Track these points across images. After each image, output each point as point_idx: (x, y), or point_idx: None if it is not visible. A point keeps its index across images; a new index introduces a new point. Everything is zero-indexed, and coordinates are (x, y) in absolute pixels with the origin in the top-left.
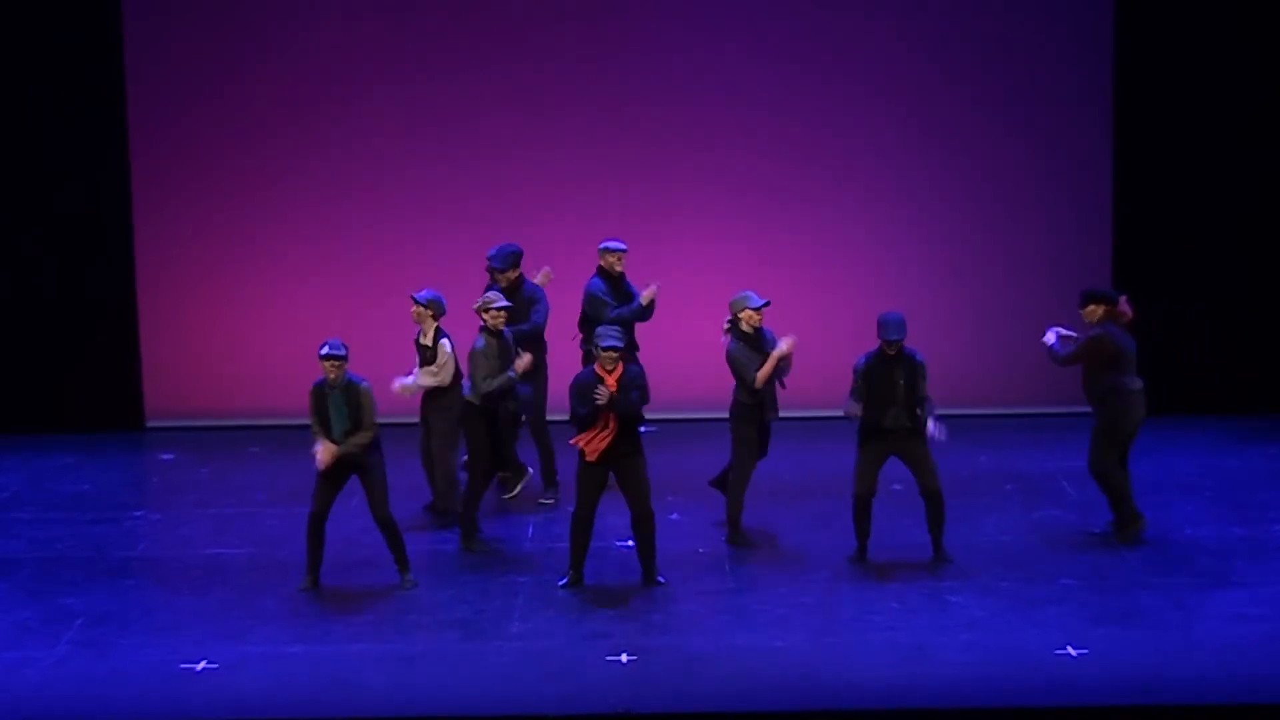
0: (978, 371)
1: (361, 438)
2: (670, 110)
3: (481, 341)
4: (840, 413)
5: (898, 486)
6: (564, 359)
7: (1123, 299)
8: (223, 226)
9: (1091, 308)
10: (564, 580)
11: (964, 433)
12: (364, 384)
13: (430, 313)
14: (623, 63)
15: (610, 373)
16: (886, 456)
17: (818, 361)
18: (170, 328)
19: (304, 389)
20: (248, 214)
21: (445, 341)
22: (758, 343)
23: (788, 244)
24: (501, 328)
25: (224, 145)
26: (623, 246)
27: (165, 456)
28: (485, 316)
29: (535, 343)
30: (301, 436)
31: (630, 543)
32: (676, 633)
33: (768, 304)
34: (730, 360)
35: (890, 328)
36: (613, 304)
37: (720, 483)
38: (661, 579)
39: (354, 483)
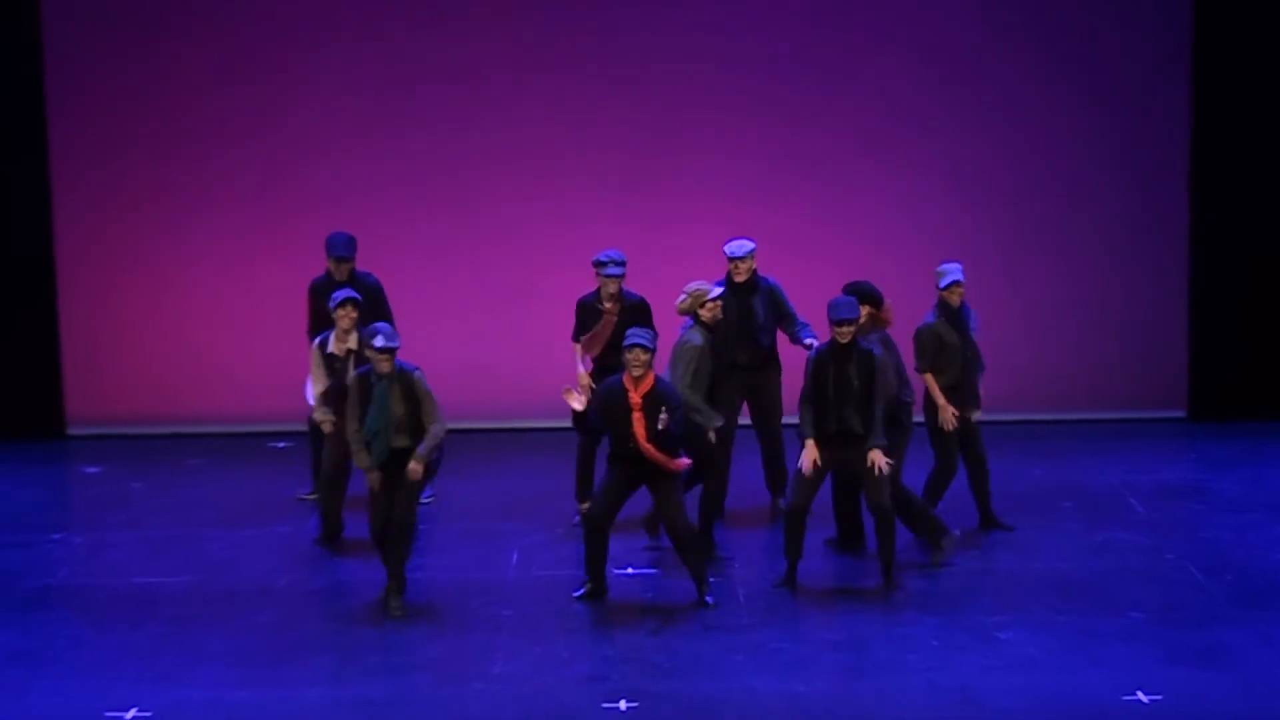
0: (1032, 371)
1: (436, 434)
2: (695, 77)
3: (700, 339)
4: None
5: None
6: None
7: (888, 303)
8: (155, 210)
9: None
10: (580, 591)
11: (1015, 441)
12: (417, 371)
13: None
14: (623, 18)
15: (638, 381)
16: (831, 465)
17: None
18: (96, 321)
19: (251, 390)
20: (184, 197)
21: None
22: (958, 320)
23: (829, 229)
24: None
25: (154, 123)
26: (738, 252)
27: (90, 469)
28: (702, 312)
29: None
30: (249, 445)
31: (630, 570)
32: (683, 675)
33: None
34: (932, 339)
35: (839, 307)
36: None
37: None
38: (710, 599)
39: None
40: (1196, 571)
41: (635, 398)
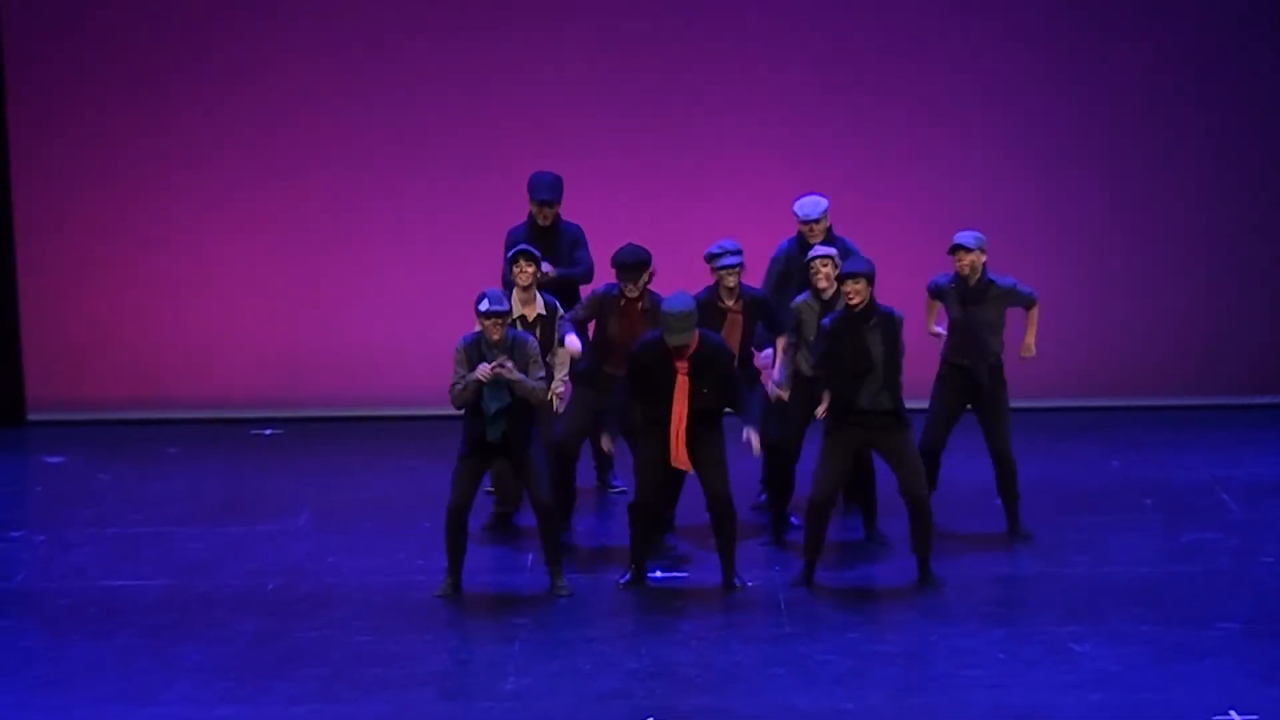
0: (1107, 351)
1: (531, 387)
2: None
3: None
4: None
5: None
6: None
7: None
8: (128, 170)
9: None
10: (626, 577)
11: (1089, 431)
12: (530, 339)
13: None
14: None
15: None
16: (858, 448)
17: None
18: (60, 295)
19: (233, 371)
20: (162, 154)
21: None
22: (964, 290)
23: (897, 201)
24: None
25: (119, 92)
26: (811, 214)
27: (52, 459)
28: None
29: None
30: (231, 432)
31: (659, 574)
32: (718, 691)
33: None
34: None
35: (853, 265)
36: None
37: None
38: (739, 581)
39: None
40: None
41: (681, 361)
